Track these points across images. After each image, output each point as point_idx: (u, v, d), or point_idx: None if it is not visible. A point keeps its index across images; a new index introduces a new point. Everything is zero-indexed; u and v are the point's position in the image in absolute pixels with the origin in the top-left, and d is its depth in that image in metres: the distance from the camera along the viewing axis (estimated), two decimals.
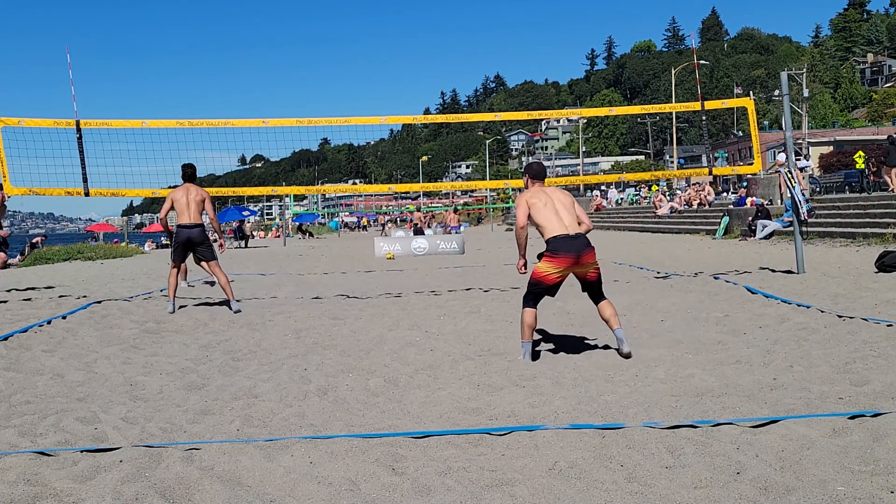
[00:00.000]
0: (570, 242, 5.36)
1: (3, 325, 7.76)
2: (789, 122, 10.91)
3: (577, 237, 5.38)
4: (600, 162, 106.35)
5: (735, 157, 58.34)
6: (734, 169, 21.83)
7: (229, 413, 4.28)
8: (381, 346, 6.36)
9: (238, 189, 13.26)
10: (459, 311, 8.37)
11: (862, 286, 8.62)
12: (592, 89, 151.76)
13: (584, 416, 3.91)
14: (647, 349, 5.72)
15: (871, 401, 3.92)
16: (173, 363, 5.82)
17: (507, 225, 55.98)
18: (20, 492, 2.99)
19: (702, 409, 3.97)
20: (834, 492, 2.76)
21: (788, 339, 5.85)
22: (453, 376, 5.11)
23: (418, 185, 51.21)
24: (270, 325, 7.77)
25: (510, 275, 13.01)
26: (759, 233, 19.49)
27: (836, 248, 15.08)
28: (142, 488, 3.00)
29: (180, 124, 10.68)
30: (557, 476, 3.05)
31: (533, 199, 5.57)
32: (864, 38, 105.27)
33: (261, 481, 3.10)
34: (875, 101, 74.37)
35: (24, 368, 5.64)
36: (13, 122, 10.18)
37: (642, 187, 50.12)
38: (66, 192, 10.38)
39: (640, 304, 8.15)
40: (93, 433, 3.89)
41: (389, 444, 3.51)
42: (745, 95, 49.30)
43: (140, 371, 5.55)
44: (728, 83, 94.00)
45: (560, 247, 5.37)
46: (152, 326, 7.73)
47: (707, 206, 30.13)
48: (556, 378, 4.89)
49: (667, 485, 2.91)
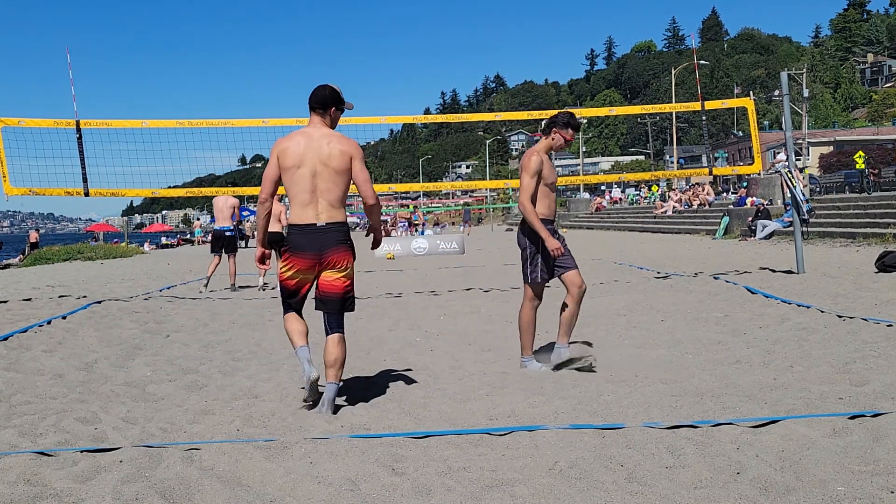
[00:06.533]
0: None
1: (3, 325, 7.76)
2: (789, 122, 10.90)
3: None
4: (600, 162, 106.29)
5: (735, 157, 58.29)
6: (734, 169, 21.85)
7: (229, 413, 4.28)
8: (380, 346, 6.36)
9: (238, 189, 13.26)
10: (459, 311, 8.37)
11: (862, 286, 8.61)
12: (592, 89, 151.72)
13: (584, 416, 3.91)
14: (647, 349, 5.72)
15: (871, 401, 3.92)
16: (173, 363, 5.82)
17: (508, 225, 55.98)
18: (20, 492, 2.98)
19: (702, 409, 3.97)
20: (834, 492, 2.76)
21: (788, 339, 5.85)
22: (453, 376, 5.10)
23: (418, 185, 51.20)
24: (270, 325, 7.77)
25: (510, 275, 13.01)
26: (759, 233, 19.49)
27: (836, 248, 15.08)
28: (142, 488, 3.00)
29: (180, 124, 10.69)
30: (557, 476, 3.05)
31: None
32: (864, 38, 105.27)
33: (261, 481, 3.10)
34: (875, 101, 74.39)
35: (24, 368, 5.63)
36: (13, 122, 10.18)
37: (642, 187, 50.12)
38: (66, 192, 10.38)
39: (640, 304, 8.15)
40: (93, 433, 3.89)
41: (389, 444, 3.51)
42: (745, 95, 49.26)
43: (140, 371, 5.55)
44: (728, 83, 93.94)
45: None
46: (152, 326, 7.73)
47: (707, 206, 30.13)
48: (556, 378, 4.89)
49: (667, 485, 2.91)
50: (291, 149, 4.19)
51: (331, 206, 4.17)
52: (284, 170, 4.21)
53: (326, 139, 4.21)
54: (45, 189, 10.34)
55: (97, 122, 10.58)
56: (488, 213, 66.39)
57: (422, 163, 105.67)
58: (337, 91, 4.35)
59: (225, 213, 11.84)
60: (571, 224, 41.87)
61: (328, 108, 4.32)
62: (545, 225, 5.08)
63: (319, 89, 4.33)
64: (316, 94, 4.32)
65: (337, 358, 4.20)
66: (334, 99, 4.32)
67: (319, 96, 4.31)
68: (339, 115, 4.42)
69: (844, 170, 34.30)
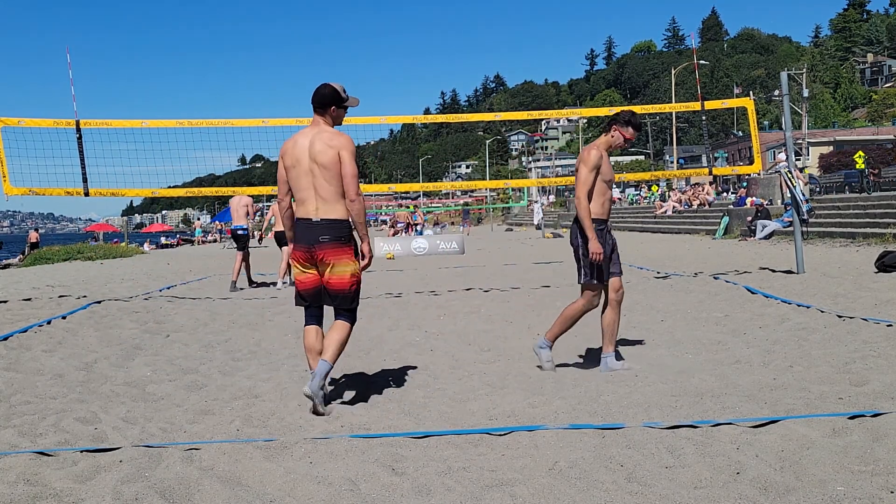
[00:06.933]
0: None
1: (3, 325, 7.76)
2: (789, 122, 10.90)
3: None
4: None
5: (735, 157, 58.29)
6: (734, 169, 21.83)
7: (229, 413, 4.28)
8: (380, 346, 6.36)
9: (238, 189, 13.26)
10: (459, 311, 8.37)
11: (862, 286, 8.61)
12: (592, 89, 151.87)
13: (584, 416, 3.91)
14: (647, 349, 5.72)
15: (871, 401, 3.91)
16: (173, 363, 5.82)
17: (507, 225, 55.99)
18: (20, 492, 2.99)
19: (702, 409, 3.96)
20: (834, 492, 2.76)
21: (788, 339, 5.85)
22: (453, 376, 5.11)
23: (418, 185, 51.21)
24: (270, 325, 7.77)
25: (510, 275, 13.02)
26: (759, 233, 19.49)
27: (836, 248, 15.07)
28: (142, 488, 3.00)
29: (180, 124, 10.68)
30: (557, 476, 3.05)
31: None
32: (864, 38, 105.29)
33: (261, 481, 3.10)
34: (875, 101, 74.36)
35: (24, 368, 5.63)
36: (13, 122, 10.17)
37: (642, 187, 50.11)
38: (65, 192, 10.37)
39: (640, 304, 8.15)
40: (93, 433, 3.89)
41: (389, 444, 3.51)
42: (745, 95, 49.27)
43: (140, 371, 5.55)
44: (728, 83, 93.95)
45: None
46: (152, 326, 7.73)
47: (707, 206, 30.13)
48: (556, 378, 4.89)
49: (667, 485, 2.91)
50: (289, 149, 4.31)
51: (326, 201, 4.21)
52: (287, 170, 4.33)
53: (318, 136, 4.26)
54: (45, 189, 10.34)
55: (97, 122, 10.57)
56: (488, 214, 66.36)
57: (422, 163, 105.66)
58: (336, 89, 4.36)
59: (239, 212, 12.35)
60: (571, 224, 41.78)
61: (328, 107, 4.33)
62: (597, 225, 4.96)
63: (320, 88, 4.37)
64: (315, 94, 4.35)
65: (334, 339, 4.20)
66: (333, 98, 4.33)
67: (318, 95, 4.34)
68: (343, 113, 4.43)
69: (844, 170, 34.30)
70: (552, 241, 27.76)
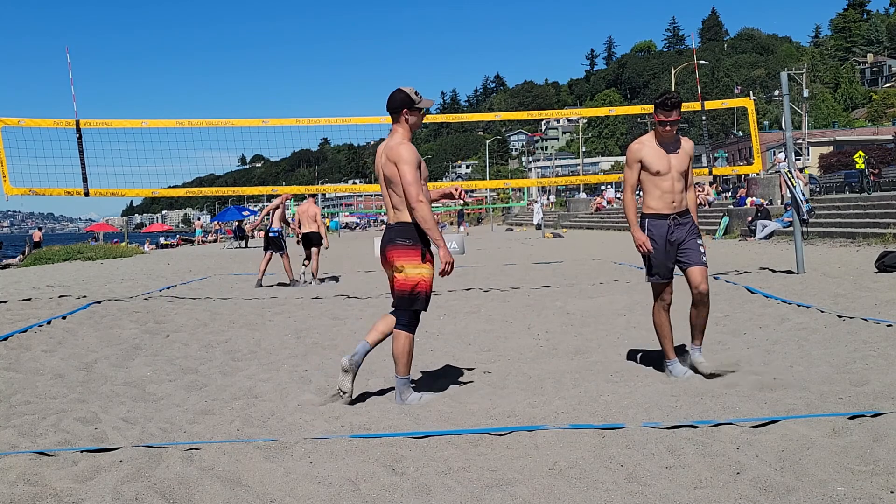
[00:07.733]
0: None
1: (3, 325, 7.76)
2: (789, 122, 10.91)
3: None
4: (600, 162, 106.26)
5: (735, 157, 58.28)
6: (734, 169, 21.82)
7: (229, 413, 4.28)
8: (380, 346, 6.32)
9: (238, 189, 13.29)
10: (459, 311, 8.37)
11: (862, 286, 8.61)
12: (592, 89, 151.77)
13: (584, 416, 3.91)
14: (646, 349, 5.72)
15: (871, 401, 3.91)
16: (173, 363, 5.82)
17: (507, 225, 55.98)
18: (20, 492, 2.98)
19: (702, 409, 3.96)
20: (834, 492, 2.76)
21: (788, 339, 5.85)
22: (453, 376, 5.11)
23: None
24: (270, 325, 7.77)
25: (510, 275, 13.02)
26: (759, 233, 19.49)
27: (836, 248, 15.07)
28: (142, 488, 3.00)
29: (180, 124, 10.69)
30: (557, 476, 3.05)
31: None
32: (863, 38, 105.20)
33: (261, 481, 3.10)
34: (875, 101, 74.35)
35: (24, 368, 5.63)
36: (13, 122, 10.17)
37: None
38: (65, 192, 10.38)
39: (640, 304, 8.14)
40: (93, 433, 3.89)
41: (389, 444, 3.51)
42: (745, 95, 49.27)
43: (140, 371, 5.55)
44: (728, 83, 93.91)
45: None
46: (152, 326, 7.73)
47: (707, 206, 30.13)
48: (557, 378, 4.89)
49: (667, 485, 2.91)
50: (375, 161, 4.49)
51: (397, 209, 4.36)
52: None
53: (385, 149, 4.38)
54: (45, 189, 10.35)
55: (97, 121, 10.57)
56: (488, 213, 66.36)
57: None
58: (407, 93, 4.40)
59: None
60: (571, 224, 41.87)
61: (399, 112, 4.39)
62: (660, 219, 4.87)
63: (392, 93, 4.43)
64: (388, 99, 4.46)
65: (395, 353, 4.44)
66: (403, 102, 4.39)
67: (389, 100, 4.45)
68: (418, 116, 4.45)
69: (844, 170, 34.31)
70: (552, 241, 27.77)
